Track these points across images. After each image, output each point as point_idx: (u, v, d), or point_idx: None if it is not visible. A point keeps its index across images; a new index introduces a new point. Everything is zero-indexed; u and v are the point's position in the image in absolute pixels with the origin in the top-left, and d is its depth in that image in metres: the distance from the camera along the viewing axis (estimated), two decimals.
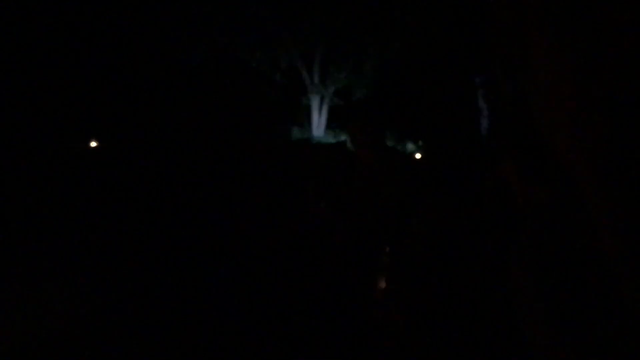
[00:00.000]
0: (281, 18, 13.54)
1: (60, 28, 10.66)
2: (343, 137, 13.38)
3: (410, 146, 13.48)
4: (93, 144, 10.28)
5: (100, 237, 5.69)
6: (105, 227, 6.19)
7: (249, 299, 3.53)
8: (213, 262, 4.48)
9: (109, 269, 4.52)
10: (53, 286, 4.09)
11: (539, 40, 0.34)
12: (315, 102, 14.45)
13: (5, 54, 9.81)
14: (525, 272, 0.51)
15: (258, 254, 4.48)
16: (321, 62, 14.45)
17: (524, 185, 0.64)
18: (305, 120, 14.43)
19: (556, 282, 0.46)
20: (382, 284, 2.69)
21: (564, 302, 0.45)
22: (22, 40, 10.15)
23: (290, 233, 4.84)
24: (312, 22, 13.65)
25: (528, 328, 0.47)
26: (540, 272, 0.48)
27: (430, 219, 2.46)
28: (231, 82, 12.76)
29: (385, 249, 2.65)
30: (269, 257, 4.33)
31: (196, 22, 12.91)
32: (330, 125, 14.52)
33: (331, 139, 13.84)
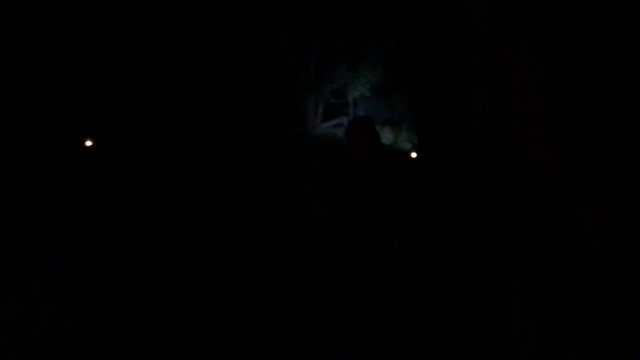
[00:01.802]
0: (277, 15, 13.52)
1: (56, 26, 10.61)
2: (339, 136, 13.38)
3: (406, 144, 13.51)
4: (88, 142, 10.25)
5: (97, 236, 5.68)
6: (101, 226, 6.17)
7: (247, 299, 3.54)
8: (211, 262, 4.47)
9: (106, 269, 4.51)
10: (49, 286, 4.08)
11: (514, 52, 0.36)
12: (311, 101, 14.45)
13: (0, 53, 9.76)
14: (515, 272, 0.53)
15: (256, 252, 4.48)
16: (317, 60, 14.44)
17: (517, 188, 0.65)
18: (301, 118, 14.42)
19: (544, 282, 0.48)
20: (387, 280, 2.70)
21: (551, 301, 0.46)
22: (17, 39, 10.10)
23: (287, 231, 4.84)
24: (308, 19, 13.65)
25: (517, 326, 0.49)
26: (529, 272, 0.49)
27: (425, 219, 2.48)
28: (226, 80, 12.74)
29: (394, 244, 2.64)
30: (266, 255, 4.33)
31: (192, 20, 12.88)
32: (326, 123, 14.51)
33: (327, 138, 13.84)
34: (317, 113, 14.43)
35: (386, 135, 12.93)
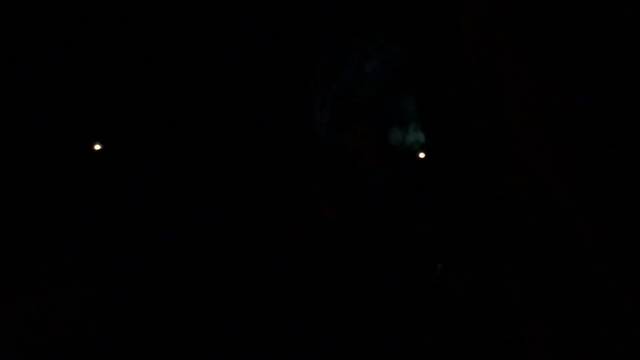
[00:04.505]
0: (282, 17, 13.56)
1: (62, 27, 10.71)
2: (345, 138, 13.38)
3: (413, 145, 13.50)
4: (97, 146, 10.33)
5: (104, 239, 5.72)
6: (108, 230, 6.22)
7: (252, 301, 3.55)
8: (217, 264, 4.49)
9: (112, 271, 4.54)
10: (55, 288, 4.11)
11: (508, 57, 0.37)
12: (317, 103, 14.47)
13: (6, 53, 9.86)
14: (520, 271, 0.54)
15: (262, 254, 4.49)
16: (323, 62, 14.47)
17: (521, 189, 0.66)
18: (307, 121, 14.44)
19: (549, 284, 0.49)
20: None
21: (557, 303, 0.47)
22: (23, 39, 10.20)
23: (294, 232, 4.85)
24: (313, 21, 13.68)
25: (522, 326, 0.49)
26: (533, 274, 0.50)
27: (431, 219, 2.49)
28: (232, 83, 12.79)
29: (439, 266, 2.62)
30: (273, 257, 4.34)
31: (197, 23, 12.94)
32: (332, 126, 14.53)
33: (333, 140, 13.84)
34: (323, 115, 14.45)
35: (393, 136, 12.93)
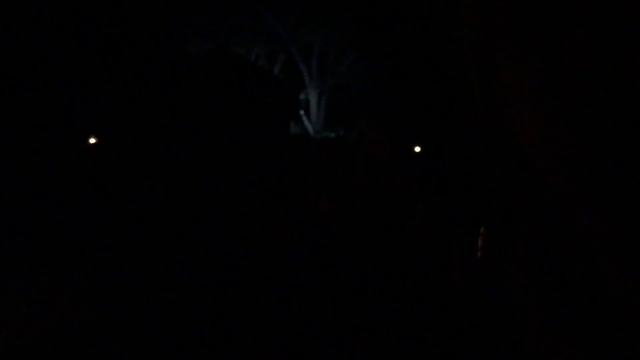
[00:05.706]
0: (279, 12, 13.50)
1: (59, 24, 10.63)
2: (342, 132, 13.37)
3: (409, 138, 13.48)
4: (92, 140, 10.27)
5: (99, 235, 5.70)
6: (104, 225, 6.20)
7: (250, 297, 3.54)
8: (214, 259, 4.49)
9: (108, 267, 4.53)
10: (53, 285, 4.10)
11: (506, 49, 0.35)
12: (313, 97, 14.44)
13: (4, 51, 9.79)
14: (522, 270, 0.52)
15: (259, 249, 4.49)
16: (319, 56, 14.42)
17: (521, 186, 0.65)
18: (304, 114, 14.42)
19: (553, 281, 0.47)
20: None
21: (561, 301, 0.46)
22: (20, 37, 10.13)
23: (291, 227, 4.85)
24: (310, 15, 13.62)
25: (525, 328, 0.48)
26: (537, 271, 0.49)
27: (431, 214, 2.47)
28: (229, 77, 12.73)
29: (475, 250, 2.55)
30: (270, 252, 4.34)
31: (194, 17, 12.88)
32: (329, 119, 14.51)
33: (330, 134, 13.84)
34: (320, 108, 14.42)
35: (388, 130, 12.91)
